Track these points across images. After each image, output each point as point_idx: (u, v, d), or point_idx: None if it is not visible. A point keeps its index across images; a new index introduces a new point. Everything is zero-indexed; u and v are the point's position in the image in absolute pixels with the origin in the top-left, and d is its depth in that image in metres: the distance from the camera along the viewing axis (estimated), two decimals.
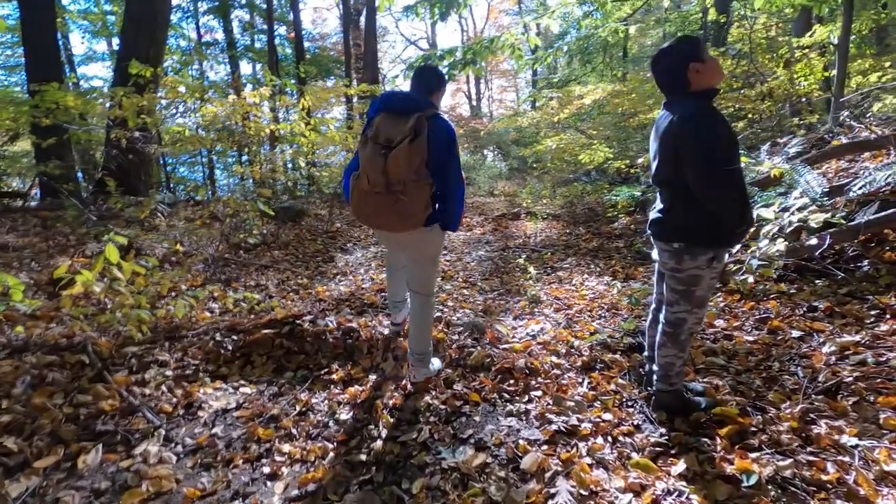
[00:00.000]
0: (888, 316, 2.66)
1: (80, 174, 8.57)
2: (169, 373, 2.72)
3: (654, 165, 2.02)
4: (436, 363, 2.72)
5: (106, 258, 2.53)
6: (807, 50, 7.49)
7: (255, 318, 3.39)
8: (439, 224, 2.35)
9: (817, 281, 3.18)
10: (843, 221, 2.98)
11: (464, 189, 2.33)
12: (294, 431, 2.30)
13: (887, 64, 7.31)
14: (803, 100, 7.84)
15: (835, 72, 6.32)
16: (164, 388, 2.59)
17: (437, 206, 2.27)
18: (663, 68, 1.97)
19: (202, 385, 2.66)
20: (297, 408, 2.49)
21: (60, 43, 9.75)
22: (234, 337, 3.13)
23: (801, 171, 3.67)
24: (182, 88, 5.64)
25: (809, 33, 7.12)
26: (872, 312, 2.74)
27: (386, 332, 3.20)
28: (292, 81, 12.40)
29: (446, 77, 2.50)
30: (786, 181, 3.97)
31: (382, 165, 2.07)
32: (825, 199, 3.50)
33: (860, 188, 3.25)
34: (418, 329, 2.54)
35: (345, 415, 2.42)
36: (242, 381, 2.76)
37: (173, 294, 3.74)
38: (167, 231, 4.97)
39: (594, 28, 9.47)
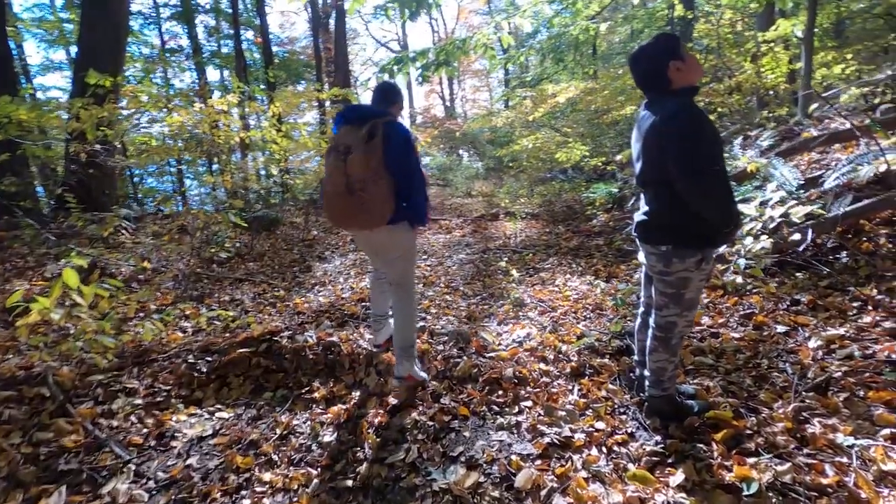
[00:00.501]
0: (870, 307, 2.67)
1: (40, 190, 8.20)
2: (138, 401, 2.56)
3: (637, 167, 1.97)
4: (421, 374, 2.66)
5: (64, 283, 2.37)
6: (771, 44, 7.64)
7: (230, 337, 3.24)
8: (408, 221, 2.50)
9: (798, 274, 3.19)
10: (824, 212, 2.99)
11: (424, 184, 2.49)
12: (275, 457, 2.18)
13: (849, 56, 7.50)
14: (770, 93, 8.00)
15: (800, 64, 6.46)
16: (133, 418, 2.44)
17: (402, 203, 2.42)
18: (643, 67, 1.92)
19: (175, 412, 2.52)
20: (278, 431, 2.37)
21: (14, 52, 9.32)
22: (209, 358, 2.98)
23: (777, 165, 3.70)
24: (145, 97, 5.41)
25: (773, 27, 7.26)
26: (854, 304, 2.75)
27: (368, 346, 3.09)
28: (261, 87, 12.14)
29: (402, 90, 2.82)
30: (761, 175, 4.00)
31: (343, 168, 2.29)
32: (801, 191, 3.53)
33: (835, 180, 3.28)
34: (401, 321, 2.62)
35: (328, 436, 2.31)
36: (218, 406, 2.62)
37: (141, 315, 3.56)
38: (133, 247, 4.75)
39: (564, 26, 9.51)
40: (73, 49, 12.68)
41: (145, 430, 2.35)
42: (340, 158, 2.30)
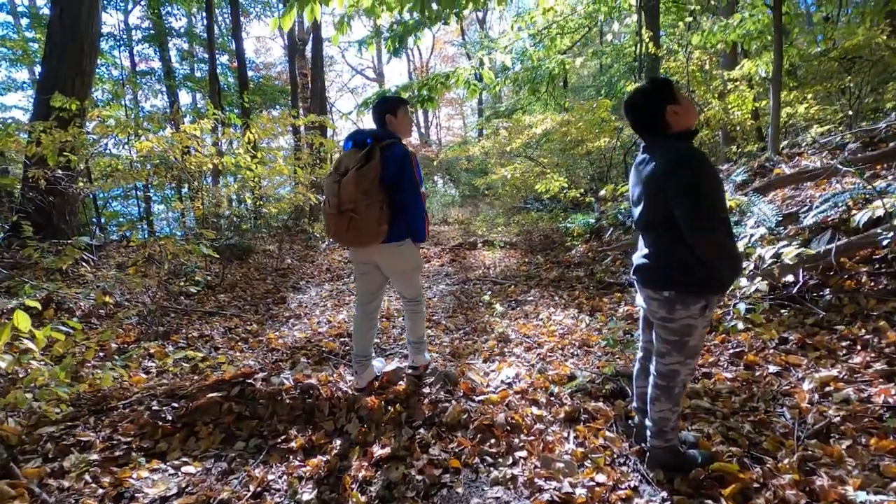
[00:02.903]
0: (859, 347, 2.67)
1: None
2: (94, 456, 2.31)
3: (636, 210, 1.92)
4: (428, 358, 3.09)
5: (14, 326, 2.14)
6: (737, 82, 7.98)
7: (199, 380, 3.02)
8: (410, 238, 2.65)
9: (783, 311, 3.19)
10: (811, 251, 3.01)
11: (421, 202, 2.59)
12: None
13: (809, 95, 7.88)
14: (737, 128, 8.31)
15: (765, 102, 6.74)
16: (87, 476, 2.18)
17: (398, 222, 2.55)
18: (640, 113, 1.88)
19: (136, 468, 2.28)
20: (251, 488, 2.16)
21: None
22: (175, 404, 2.75)
23: (756, 201, 3.76)
24: (112, 121, 5.18)
25: (739, 66, 7.59)
26: (843, 344, 2.74)
27: (348, 390, 2.91)
28: (235, 112, 11.95)
29: (397, 99, 2.73)
30: (738, 210, 4.06)
31: (336, 190, 2.44)
32: (780, 228, 3.58)
33: (814, 217, 3.34)
34: (413, 324, 2.96)
35: (307, 494, 2.12)
36: (185, 459, 2.39)
37: (101, 355, 3.29)
38: (95, 280, 4.45)
39: (539, 59, 9.77)
40: (38, 69, 12.26)
41: (101, 491, 2.10)
42: (336, 180, 2.45)
